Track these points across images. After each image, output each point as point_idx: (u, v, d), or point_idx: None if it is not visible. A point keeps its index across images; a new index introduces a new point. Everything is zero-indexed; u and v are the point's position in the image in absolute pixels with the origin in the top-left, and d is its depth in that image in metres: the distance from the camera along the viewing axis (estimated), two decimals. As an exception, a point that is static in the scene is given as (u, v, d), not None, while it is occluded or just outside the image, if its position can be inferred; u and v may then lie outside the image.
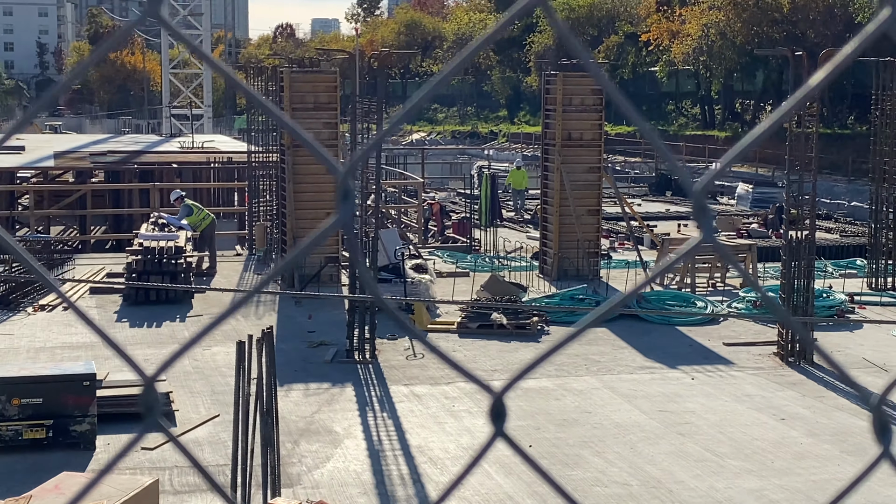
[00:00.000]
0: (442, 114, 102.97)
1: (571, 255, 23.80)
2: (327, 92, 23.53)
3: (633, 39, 74.27)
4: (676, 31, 63.50)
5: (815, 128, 18.55)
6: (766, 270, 23.84)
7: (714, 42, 58.95)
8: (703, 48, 60.35)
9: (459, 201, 40.83)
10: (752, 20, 56.88)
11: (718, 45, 58.69)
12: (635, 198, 44.25)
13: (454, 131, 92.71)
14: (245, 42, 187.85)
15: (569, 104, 24.11)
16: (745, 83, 66.80)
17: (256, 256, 26.62)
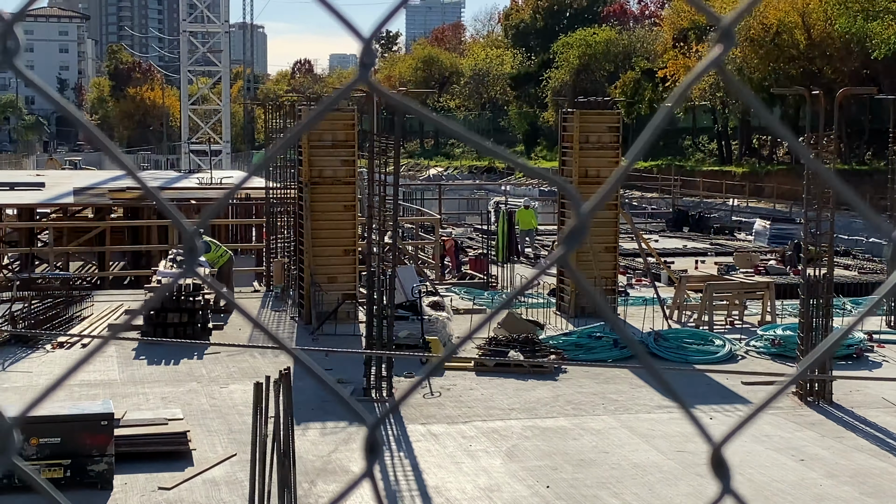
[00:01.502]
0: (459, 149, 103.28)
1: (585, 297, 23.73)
2: (345, 130, 23.65)
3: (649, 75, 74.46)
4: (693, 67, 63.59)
5: (833, 164, 18.54)
6: (784, 308, 23.75)
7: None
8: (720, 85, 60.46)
9: (476, 237, 40.86)
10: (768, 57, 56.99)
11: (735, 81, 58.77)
12: (652, 234, 44.20)
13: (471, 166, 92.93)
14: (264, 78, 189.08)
15: (586, 141, 24.16)
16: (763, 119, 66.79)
17: (274, 293, 26.68)
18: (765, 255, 35.23)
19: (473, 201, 57.68)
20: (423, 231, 38.34)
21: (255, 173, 1.66)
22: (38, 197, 35.44)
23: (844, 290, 27.10)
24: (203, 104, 75.60)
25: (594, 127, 24.21)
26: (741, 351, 20.56)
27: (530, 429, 15.48)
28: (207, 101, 76.38)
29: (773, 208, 50.97)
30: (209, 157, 63.53)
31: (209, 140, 68.59)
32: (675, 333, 21.04)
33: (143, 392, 17.19)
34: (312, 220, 23.49)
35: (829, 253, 18.25)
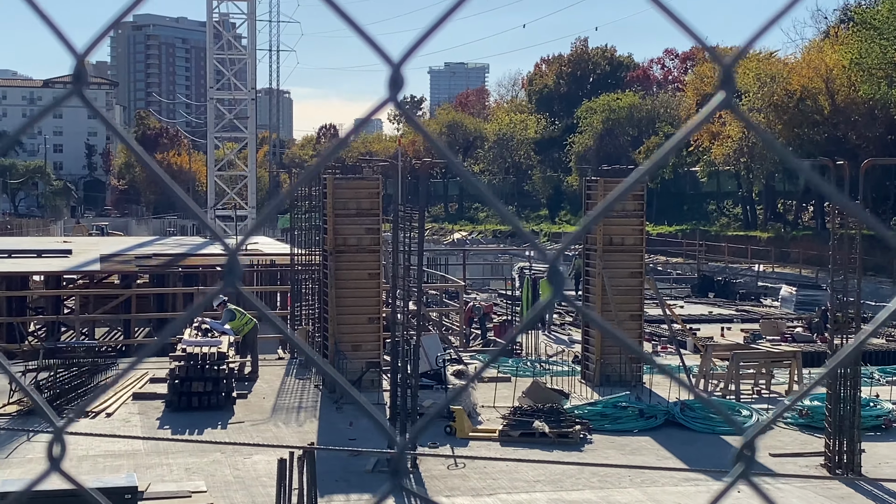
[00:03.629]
0: (483, 213, 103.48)
1: (614, 361, 23.67)
2: (369, 198, 23.76)
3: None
4: (717, 132, 63.77)
5: (859, 229, 18.45)
6: (811, 377, 23.55)
7: (755, 144, 59.11)
8: (744, 150, 60.52)
9: (501, 303, 40.79)
10: (792, 122, 57.06)
11: (759, 148, 58.84)
12: (677, 299, 44.02)
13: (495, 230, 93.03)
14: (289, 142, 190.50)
15: (610, 209, 24.14)
16: (787, 184, 66.78)
17: (298, 360, 26.67)
18: (791, 323, 34.99)
19: (498, 266, 57.69)
20: (448, 297, 38.32)
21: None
22: (64, 264, 35.67)
23: (872, 359, 26.85)
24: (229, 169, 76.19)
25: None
26: (768, 421, 20.34)
27: (556, 501, 15.33)
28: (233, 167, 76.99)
29: (799, 274, 50.72)
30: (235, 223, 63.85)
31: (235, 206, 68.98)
32: (702, 404, 20.86)
33: (167, 463, 17.14)
34: (337, 288, 23.53)
35: (856, 320, 18.10)
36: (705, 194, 76.49)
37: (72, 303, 34.38)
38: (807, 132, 56.77)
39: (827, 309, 24.57)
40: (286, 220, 58.94)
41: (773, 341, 29.56)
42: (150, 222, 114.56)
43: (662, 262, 58.99)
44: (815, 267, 49.37)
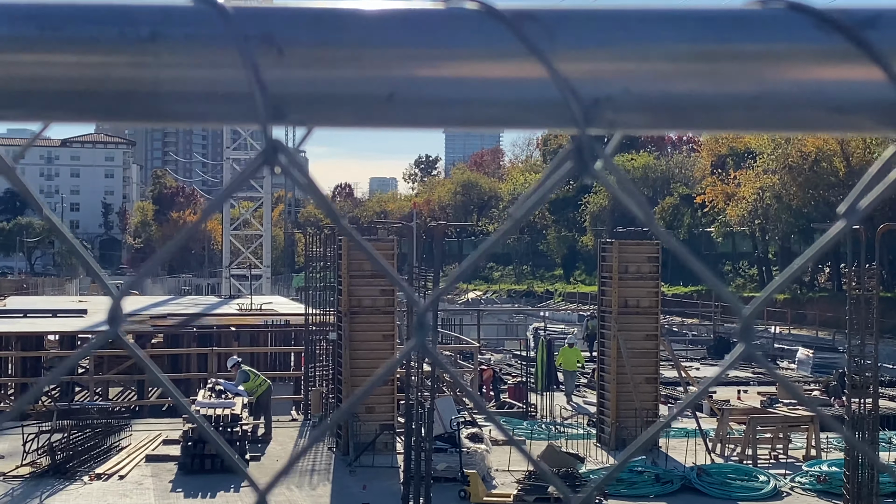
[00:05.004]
0: (498, 272, 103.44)
1: (629, 424, 23.39)
2: (384, 259, 23.65)
3: (688, 201, 74.62)
4: (731, 193, 63.73)
5: (876, 291, 18.26)
6: (829, 442, 23.22)
7: (770, 205, 59.04)
8: (759, 211, 60.42)
9: (515, 364, 40.51)
10: (807, 184, 57.01)
11: (774, 209, 58.75)
12: (693, 361, 43.69)
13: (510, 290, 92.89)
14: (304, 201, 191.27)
15: (625, 272, 24.03)
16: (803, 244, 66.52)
17: (312, 422, 26.44)
18: (808, 386, 34.63)
19: (512, 326, 57.46)
20: (462, 358, 38.08)
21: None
22: (79, 324, 35.61)
23: (891, 423, 26.46)
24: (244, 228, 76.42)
25: (633, 257, 24.11)
26: (786, 487, 20.03)
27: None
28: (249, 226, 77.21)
29: (815, 336, 50.37)
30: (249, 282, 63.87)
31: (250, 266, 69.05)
32: (719, 468, 20.56)
33: (177, 527, 16.91)
34: (351, 350, 23.37)
35: (873, 383, 17.86)
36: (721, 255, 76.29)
37: (86, 363, 34.28)
38: (822, 194, 56.66)
39: (844, 372, 24.27)
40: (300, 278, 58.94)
41: (790, 405, 29.20)
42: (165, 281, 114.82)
43: (678, 323, 58.67)
44: (831, 329, 49.02)
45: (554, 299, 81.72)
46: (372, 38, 0.87)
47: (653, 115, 0.88)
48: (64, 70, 0.86)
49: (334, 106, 0.87)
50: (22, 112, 0.88)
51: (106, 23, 0.86)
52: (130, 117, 0.88)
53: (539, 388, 31.67)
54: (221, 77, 0.86)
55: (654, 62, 0.86)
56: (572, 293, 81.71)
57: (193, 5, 0.87)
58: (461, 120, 0.88)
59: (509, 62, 0.86)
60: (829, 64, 0.85)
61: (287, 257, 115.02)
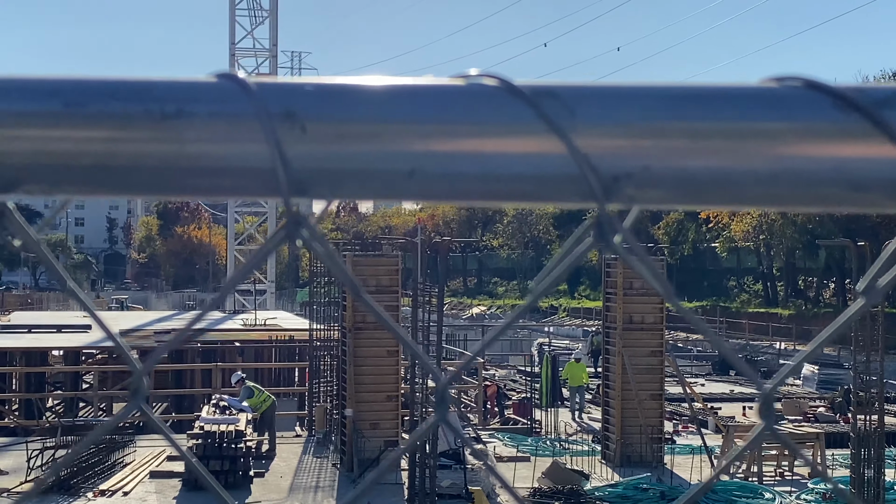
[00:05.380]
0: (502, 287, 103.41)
1: (634, 441, 23.37)
2: (389, 275, 23.69)
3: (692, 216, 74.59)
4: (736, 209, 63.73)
5: (882, 307, 18.27)
6: (834, 459, 23.17)
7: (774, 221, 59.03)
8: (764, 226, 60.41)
9: (520, 379, 40.47)
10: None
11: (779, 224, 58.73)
12: (698, 377, 43.63)
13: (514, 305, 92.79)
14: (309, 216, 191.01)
15: (630, 287, 24.03)
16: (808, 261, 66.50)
17: (316, 438, 26.42)
18: (814, 402, 34.56)
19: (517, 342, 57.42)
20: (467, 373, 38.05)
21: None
22: (84, 339, 35.64)
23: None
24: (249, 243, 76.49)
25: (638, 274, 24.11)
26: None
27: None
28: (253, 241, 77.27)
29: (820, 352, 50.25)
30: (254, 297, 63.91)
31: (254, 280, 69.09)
32: (724, 486, 20.51)
33: (181, 544, 16.90)
34: (356, 366, 23.37)
35: (879, 400, 17.84)
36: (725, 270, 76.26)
37: (90, 378, 34.30)
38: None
39: (850, 388, 24.23)
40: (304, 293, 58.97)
41: (795, 421, 29.16)
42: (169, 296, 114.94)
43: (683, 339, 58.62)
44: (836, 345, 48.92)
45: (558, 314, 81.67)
46: (394, 114, 0.88)
47: (672, 192, 0.89)
48: (88, 145, 0.87)
49: (356, 181, 0.89)
50: (45, 186, 0.89)
51: (131, 99, 0.87)
52: (154, 191, 0.89)
53: (543, 404, 31.66)
54: (245, 152, 0.87)
55: (673, 139, 0.87)
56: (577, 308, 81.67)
57: (217, 81, 0.88)
58: (481, 195, 0.89)
59: (529, 138, 0.87)
60: (846, 142, 0.86)
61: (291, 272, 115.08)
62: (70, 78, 0.89)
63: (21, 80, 0.89)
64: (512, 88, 0.87)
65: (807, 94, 0.87)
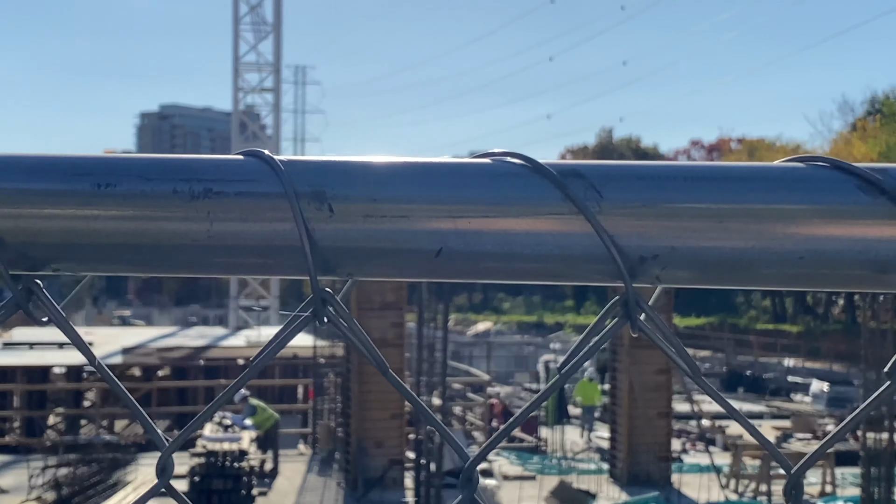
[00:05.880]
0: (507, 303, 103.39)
1: (642, 459, 23.32)
2: (394, 291, 23.69)
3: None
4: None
5: (892, 323, 18.22)
6: (844, 478, 23.10)
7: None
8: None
9: (526, 396, 40.42)
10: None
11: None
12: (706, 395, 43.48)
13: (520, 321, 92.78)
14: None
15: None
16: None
17: (320, 456, 26.38)
18: (823, 420, 34.46)
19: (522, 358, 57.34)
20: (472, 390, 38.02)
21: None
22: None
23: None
24: (254, 260, 76.49)
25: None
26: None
27: None
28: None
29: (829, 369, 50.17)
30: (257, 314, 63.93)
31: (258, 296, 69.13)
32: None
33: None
34: (360, 384, 23.34)
35: (889, 418, 17.79)
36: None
37: (92, 396, 34.28)
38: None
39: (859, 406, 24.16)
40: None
41: (804, 439, 29.09)
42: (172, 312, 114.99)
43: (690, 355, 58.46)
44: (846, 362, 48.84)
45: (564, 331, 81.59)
46: (421, 193, 0.88)
47: (699, 273, 0.89)
48: (118, 225, 0.88)
49: (384, 260, 0.89)
50: (74, 265, 0.90)
51: (160, 179, 0.88)
52: (181, 270, 0.90)
53: (550, 422, 31.59)
54: (272, 231, 0.88)
55: (699, 220, 0.87)
56: (583, 325, 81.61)
57: (244, 160, 0.89)
58: (508, 274, 0.90)
59: (555, 218, 0.87)
60: (872, 224, 0.86)
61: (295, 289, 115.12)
62: (101, 157, 0.90)
63: (52, 158, 0.90)
64: (538, 168, 0.87)
65: (832, 175, 0.88)
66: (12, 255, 0.91)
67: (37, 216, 0.89)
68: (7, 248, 0.90)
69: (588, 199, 0.87)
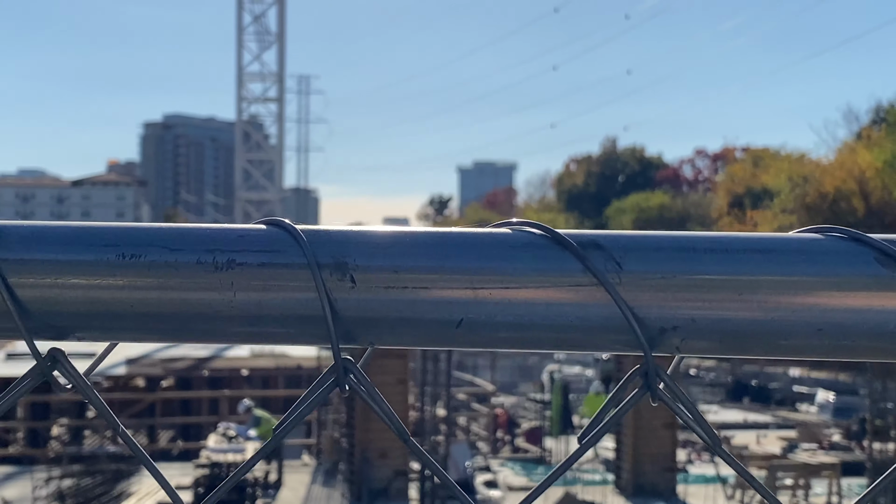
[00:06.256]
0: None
1: (647, 470, 23.29)
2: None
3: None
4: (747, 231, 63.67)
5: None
6: (850, 489, 23.05)
7: (785, 245, 58.95)
8: (774, 251, 60.35)
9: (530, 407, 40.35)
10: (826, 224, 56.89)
11: (789, 249, 58.65)
12: (711, 405, 43.49)
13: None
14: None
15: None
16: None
17: (324, 467, 26.36)
18: (829, 429, 34.36)
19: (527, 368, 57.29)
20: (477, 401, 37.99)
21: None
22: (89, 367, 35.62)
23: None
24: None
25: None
26: (806, 535, 19.88)
27: None
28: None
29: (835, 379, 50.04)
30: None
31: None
32: None
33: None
34: (365, 395, 23.35)
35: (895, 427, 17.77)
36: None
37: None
38: (838, 234, 56.49)
39: (865, 416, 24.12)
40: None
41: (810, 449, 29.00)
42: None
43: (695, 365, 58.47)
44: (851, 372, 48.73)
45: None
46: (442, 264, 0.89)
47: (718, 343, 0.90)
48: (143, 294, 0.89)
49: (405, 330, 0.90)
50: (97, 333, 0.91)
51: (184, 249, 0.89)
52: (204, 338, 0.91)
53: (555, 433, 31.54)
54: (294, 301, 0.89)
55: (719, 292, 0.88)
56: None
57: (267, 229, 0.90)
58: (528, 343, 0.91)
59: (575, 289, 0.88)
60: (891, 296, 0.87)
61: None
62: (126, 227, 0.91)
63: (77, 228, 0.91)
64: (557, 238, 0.88)
65: (850, 247, 0.89)
66: (37, 323, 0.92)
67: (62, 286, 0.90)
68: (32, 316, 0.91)
69: (608, 271, 0.88)
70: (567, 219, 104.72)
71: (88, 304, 0.90)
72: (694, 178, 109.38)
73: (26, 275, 0.90)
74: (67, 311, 0.90)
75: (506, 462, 27.94)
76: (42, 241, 0.91)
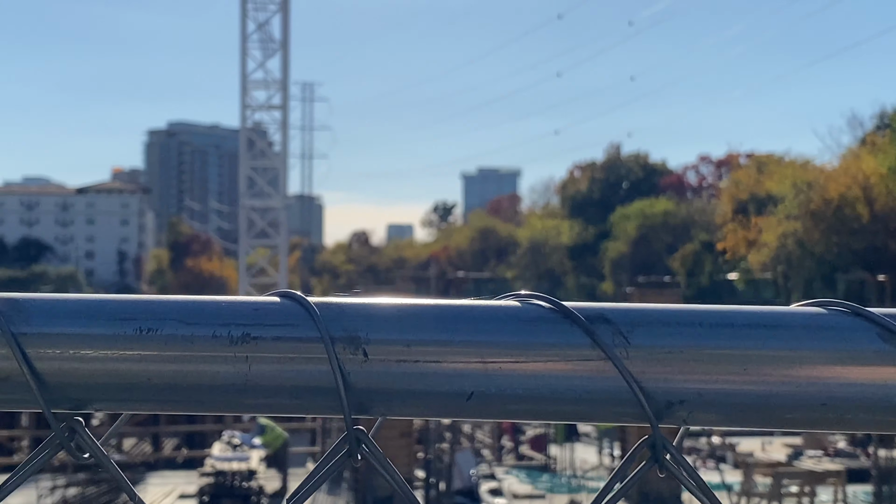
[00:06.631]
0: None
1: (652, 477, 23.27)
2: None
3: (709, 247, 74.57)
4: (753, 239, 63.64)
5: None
6: (856, 496, 23.02)
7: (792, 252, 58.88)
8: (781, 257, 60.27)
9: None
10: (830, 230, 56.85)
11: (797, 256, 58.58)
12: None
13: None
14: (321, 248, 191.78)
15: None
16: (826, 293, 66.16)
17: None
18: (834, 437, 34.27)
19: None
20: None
21: None
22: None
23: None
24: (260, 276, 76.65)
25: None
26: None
27: None
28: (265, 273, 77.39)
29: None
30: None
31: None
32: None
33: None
34: (369, 403, 23.36)
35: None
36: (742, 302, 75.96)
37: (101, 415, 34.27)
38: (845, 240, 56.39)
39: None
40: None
41: (815, 456, 28.96)
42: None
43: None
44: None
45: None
46: (452, 338, 0.91)
47: (724, 416, 0.92)
48: (160, 367, 0.91)
49: (416, 402, 0.92)
50: (114, 405, 0.93)
51: (200, 323, 0.91)
52: (219, 409, 0.92)
53: (560, 440, 31.51)
54: (308, 373, 0.90)
55: (725, 366, 0.90)
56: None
57: (281, 302, 0.91)
58: (536, 415, 0.92)
59: (584, 363, 0.90)
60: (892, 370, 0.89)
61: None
62: (143, 300, 0.93)
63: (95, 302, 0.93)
64: (565, 312, 0.90)
65: (853, 322, 0.90)
66: (55, 395, 0.94)
67: (80, 359, 0.92)
68: (50, 388, 0.93)
69: (616, 345, 0.90)
70: (571, 225, 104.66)
71: (106, 376, 0.92)
72: (698, 185, 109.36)
73: (45, 348, 0.92)
74: (85, 384, 0.92)
75: (511, 470, 27.92)
76: (61, 314, 0.93)
